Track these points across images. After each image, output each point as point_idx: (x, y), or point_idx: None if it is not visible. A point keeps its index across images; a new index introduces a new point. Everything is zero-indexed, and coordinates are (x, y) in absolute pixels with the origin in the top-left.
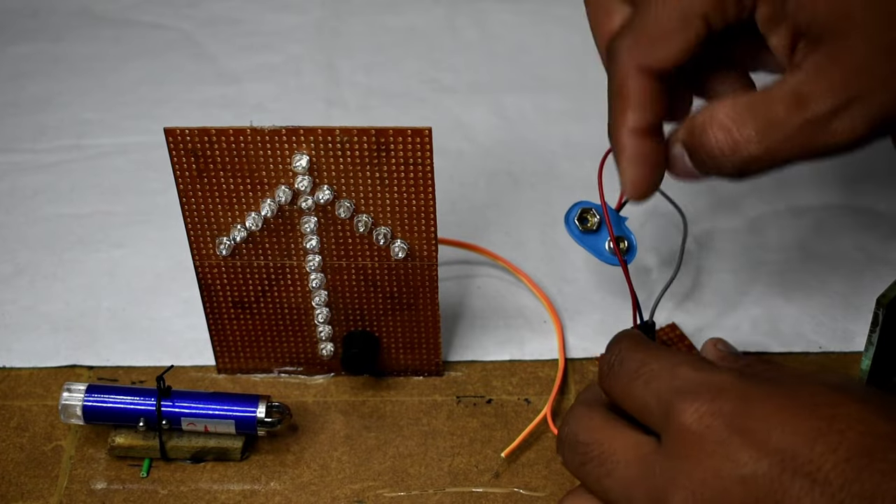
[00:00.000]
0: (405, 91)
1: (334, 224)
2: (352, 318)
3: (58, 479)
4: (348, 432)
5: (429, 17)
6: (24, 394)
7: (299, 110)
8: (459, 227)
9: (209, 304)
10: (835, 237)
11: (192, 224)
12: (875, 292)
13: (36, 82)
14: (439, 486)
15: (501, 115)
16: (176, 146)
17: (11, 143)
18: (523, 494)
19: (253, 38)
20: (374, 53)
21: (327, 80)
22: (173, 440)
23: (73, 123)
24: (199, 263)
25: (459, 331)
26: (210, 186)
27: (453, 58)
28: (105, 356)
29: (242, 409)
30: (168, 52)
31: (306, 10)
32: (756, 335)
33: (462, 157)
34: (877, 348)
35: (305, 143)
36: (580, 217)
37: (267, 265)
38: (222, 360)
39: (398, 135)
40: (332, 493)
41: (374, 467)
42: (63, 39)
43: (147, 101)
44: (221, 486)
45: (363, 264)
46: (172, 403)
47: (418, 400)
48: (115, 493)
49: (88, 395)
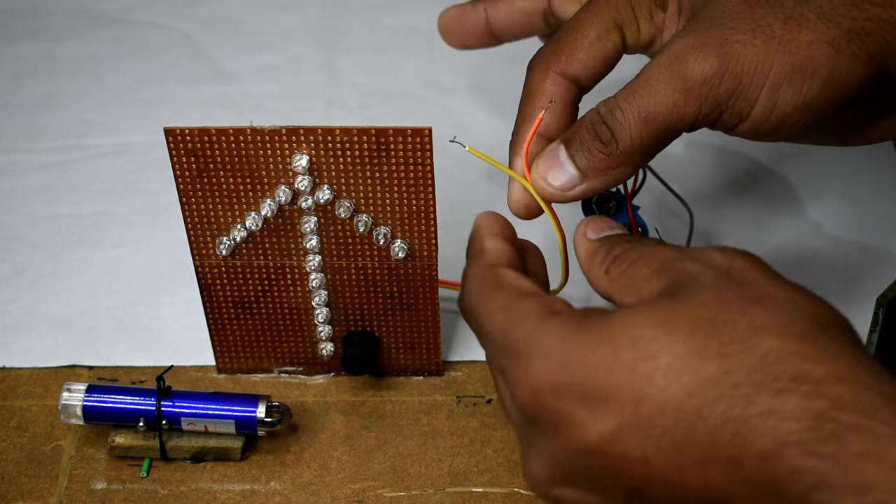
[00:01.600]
0: (405, 91)
1: (334, 224)
2: (352, 318)
3: (58, 479)
4: (348, 432)
5: (429, 17)
6: (24, 394)
7: (299, 110)
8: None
9: (209, 304)
10: (835, 237)
11: (192, 224)
12: (875, 292)
13: (36, 82)
14: (439, 486)
15: (501, 115)
16: (176, 146)
17: (11, 143)
18: (523, 494)
19: (253, 38)
20: (374, 53)
21: (327, 80)
22: (173, 440)
23: (73, 123)
24: (199, 263)
25: (459, 331)
26: (210, 186)
27: (453, 58)
28: (105, 356)
29: (242, 409)
30: (168, 52)
31: (306, 10)
32: None
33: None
34: (877, 348)
35: (305, 143)
36: (598, 202)
37: (267, 265)
38: (222, 360)
39: (398, 135)
40: (332, 493)
41: (374, 467)
42: (63, 39)
43: (147, 101)
44: (221, 486)
45: (363, 264)
46: (172, 403)
47: (418, 400)
48: (115, 493)
49: (88, 395)
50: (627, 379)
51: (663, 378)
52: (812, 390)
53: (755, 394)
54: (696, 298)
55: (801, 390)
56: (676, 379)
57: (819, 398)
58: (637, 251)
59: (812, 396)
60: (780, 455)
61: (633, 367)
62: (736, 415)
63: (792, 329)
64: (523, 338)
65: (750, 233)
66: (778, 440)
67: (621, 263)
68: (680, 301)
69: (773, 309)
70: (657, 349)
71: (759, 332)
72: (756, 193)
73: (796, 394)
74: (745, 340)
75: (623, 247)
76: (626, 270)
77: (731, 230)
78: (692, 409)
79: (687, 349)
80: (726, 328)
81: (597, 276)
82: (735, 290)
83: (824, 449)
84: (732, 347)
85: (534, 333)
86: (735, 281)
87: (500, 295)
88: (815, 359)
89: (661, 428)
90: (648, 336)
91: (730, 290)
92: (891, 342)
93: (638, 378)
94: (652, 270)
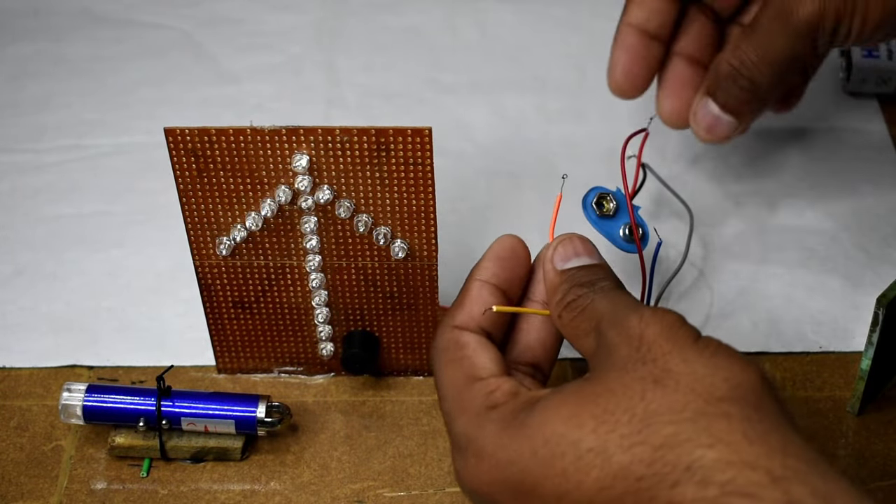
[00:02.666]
0: (405, 91)
1: (334, 224)
2: (352, 318)
3: (58, 479)
4: (348, 432)
5: (429, 17)
6: (24, 394)
7: (299, 110)
8: (459, 227)
9: (209, 304)
10: (835, 237)
11: (192, 224)
12: (875, 292)
13: (36, 82)
14: (439, 486)
15: (501, 115)
16: (176, 146)
17: (11, 143)
18: None
19: (253, 38)
20: (374, 53)
21: (327, 80)
22: (173, 440)
23: (73, 123)
24: (199, 263)
25: None
26: (210, 186)
27: (453, 58)
28: (105, 356)
29: (242, 409)
30: (168, 52)
31: (306, 10)
32: (756, 335)
33: (462, 157)
34: (877, 348)
35: (305, 143)
36: (597, 202)
37: (267, 265)
38: (222, 360)
39: (398, 135)
40: (332, 493)
41: (374, 467)
42: (63, 39)
43: (147, 101)
44: (221, 486)
45: (363, 264)
46: (172, 403)
47: (418, 400)
48: (115, 493)
49: (88, 395)
50: (546, 475)
51: (576, 473)
52: (703, 478)
53: (656, 487)
54: (604, 385)
55: (693, 480)
56: (587, 474)
57: (710, 486)
58: (584, 302)
59: (703, 485)
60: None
61: (549, 465)
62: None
63: (686, 413)
64: (464, 432)
65: (750, 233)
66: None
67: (571, 311)
68: (590, 390)
69: (670, 390)
70: (566, 447)
71: (654, 418)
72: (756, 193)
73: (690, 484)
74: (641, 431)
75: (576, 292)
76: (572, 320)
77: (730, 230)
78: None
79: (592, 445)
80: (625, 418)
81: (553, 316)
82: (639, 371)
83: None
84: (632, 440)
85: (472, 430)
86: (641, 358)
87: (453, 372)
88: (707, 444)
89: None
90: (559, 433)
91: (634, 370)
92: (891, 342)
93: (554, 475)
94: (589, 327)
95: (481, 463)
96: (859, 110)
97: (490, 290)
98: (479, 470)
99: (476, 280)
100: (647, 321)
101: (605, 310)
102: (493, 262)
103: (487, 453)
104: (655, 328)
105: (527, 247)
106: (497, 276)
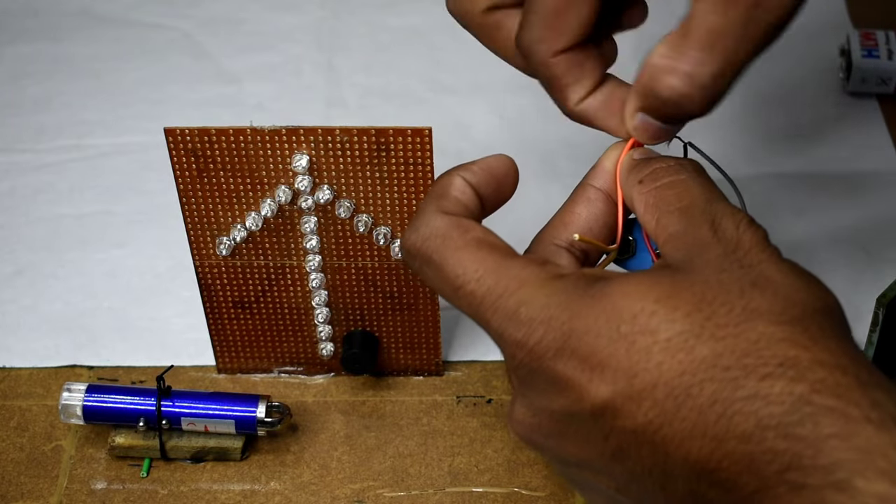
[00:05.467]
0: (405, 91)
1: (334, 224)
2: (352, 318)
3: (58, 479)
4: (348, 432)
5: (429, 17)
6: (24, 394)
7: (299, 110)
8: None
9: (209, 304)
10: (835, 237)
11: (192, 224)
12: (875, 292)
13: (36, 82)
14: (439, 486)
15: (501, 115)
16: (176, 146)
17: (11, 143)
18: (523, 494)
19: (253, 38)
20: (374, 53)
21: (327, 80)
22: (173, 440)
23: (73, 123)
24: (199, 263)
25: (459, 331)
26: (210, 186)
27: (453, 58)
28: (105, 356)
29: (242, 408)
30: (168, 52)
31: (306, 10)
32: None
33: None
34: (877, 348)
35: (305, 143)
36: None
37: (267, 265)
38: (222, 360)
39: (398, 135)
40: (332, 493)
41: (374, 467)
42: (63, 40)
43: (147, 101)
44: (221, 486)
45: (363, 264)
46: (172, 403)
47: (418, 400)
48: (115, 493)
49: (88, 395)
50: (626, 352)
51: (660, 354)
52: (796, 375)
53: (743, 377)
54: (698, 276)
55: (786, 375)
56: (671, 356)
57: (801, 382)
58: (675, 175)
59: (795, 381)
60: (760, 437)
61: (632, 341)
62: (724, 397)
63: (785, 316)
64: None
65: None
66: (760, 423)
67: (657, 178)
68: (683, 277)
69: (770, 294)
70: (656, 324)
71: (753, 316)
72: (756, 193)
73: (782, 378)
74: (738, 325)
75: (667, 163)
76: (658, 188)
77: None
78: (683, 387)
79: (684, 328)
80: (723, 310)
81: (630, 183)
82: (736, 272)
83: (799, 431)
84: (727, 331)
85: (541, 298)
86: (738, 261)
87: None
88: (803, 345)
89: (652, 400)
90: (649, 310)
91: (731, 271)
92: (891, 342)
93: (636, 352)
94: (677, 206)
95: (551, 331)
96: (859, 110)
97: (472, 194)
98: (549, 338)
99: (459, 176)
100: (743, 228)
101: (700, 196)
102: (483, 173)
103: (560, 321)
104: (752, 236)
105: (518, 176)
106: (480, 186)
